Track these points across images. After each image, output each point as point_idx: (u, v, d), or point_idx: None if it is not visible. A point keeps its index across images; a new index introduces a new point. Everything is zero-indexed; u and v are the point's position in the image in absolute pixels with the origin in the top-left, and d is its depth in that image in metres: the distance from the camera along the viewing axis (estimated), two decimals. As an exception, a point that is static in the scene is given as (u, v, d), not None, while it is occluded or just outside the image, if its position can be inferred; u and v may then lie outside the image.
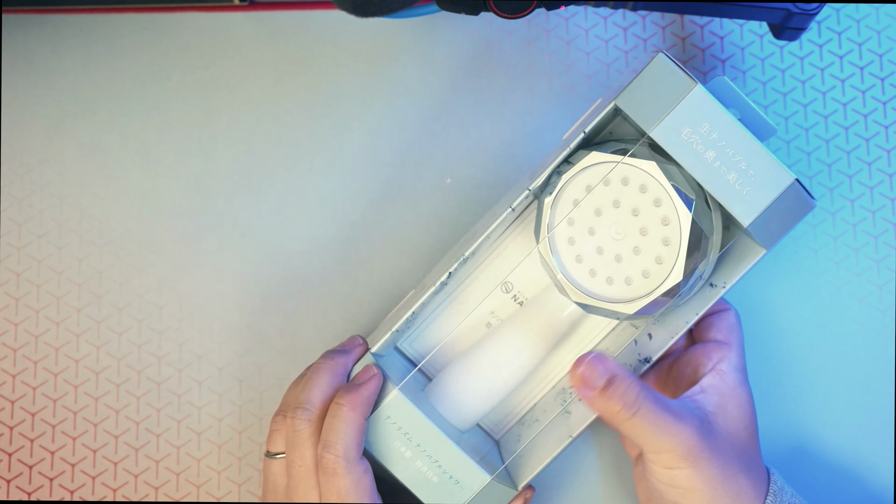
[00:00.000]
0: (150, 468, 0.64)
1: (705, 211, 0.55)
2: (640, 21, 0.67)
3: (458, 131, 0.66)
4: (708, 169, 0.53)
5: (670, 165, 0.55)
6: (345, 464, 0.55)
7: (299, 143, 0.66)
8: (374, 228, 0.65)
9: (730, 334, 0.60)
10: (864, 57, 0.67)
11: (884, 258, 0.65)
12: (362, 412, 0.56)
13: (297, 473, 0.56)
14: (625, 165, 0.55)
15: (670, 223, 0.55)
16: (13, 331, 0.65)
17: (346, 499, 0.55)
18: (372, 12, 0.55)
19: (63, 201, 0.66)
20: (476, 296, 0.61)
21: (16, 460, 0.64)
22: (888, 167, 0.66)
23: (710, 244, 0.55)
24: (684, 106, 0.53)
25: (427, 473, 0.57)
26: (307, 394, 0.57)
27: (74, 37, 0.67)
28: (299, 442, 0.56)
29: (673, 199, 0.54)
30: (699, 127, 0.53)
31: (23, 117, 0.66)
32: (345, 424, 0.55)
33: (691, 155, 0.53)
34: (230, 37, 0.67)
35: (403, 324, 0.58)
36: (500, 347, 0.59)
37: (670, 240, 0.55)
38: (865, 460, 0.64)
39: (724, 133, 0.53)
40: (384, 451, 0.57)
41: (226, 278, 0.65)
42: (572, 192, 0.57)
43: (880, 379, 0.64)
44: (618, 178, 0.56)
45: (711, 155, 0.53)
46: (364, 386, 0.57)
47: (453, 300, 0.62)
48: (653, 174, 0.55)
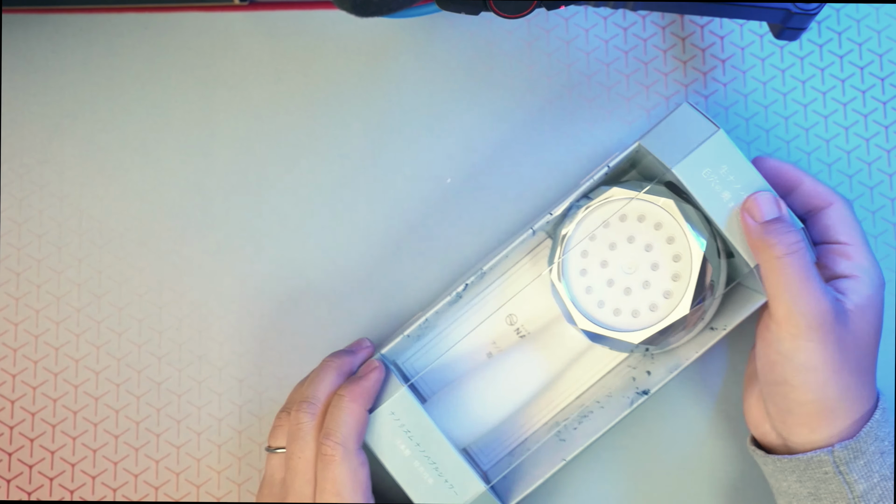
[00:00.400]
0: (150, 468, 0.64)
1: (715, 252, 0.57)
2: (640, 21, 0.67)
3: (458, 131, 0.66)
4: (723, 208, 0.56)
5: (687, 205, 0.58)
6: (343, 451, 0.55)
7: (299, 142, 0.66)
8: (374, 228, 0.65)
9: (852, 232, 0.58)
10: (864, 57, 0.67)
11: (884, 258, 0.65)
12: (363, 404, 0.57)
13: (294, 465, 0.56)
14: (643, 203, 0.58)
15: (682, 259, 0.57)
16: (13, 330, 0.65)
17: (341, 487, 0.55)
18: (372, 12, 0.55)
19: (63, 201, 0.66)
20: (480, 325, 0.62)
21: (16, 460, 0.64)
22: (888, 167, 0.66)
23: (717, 281, 0.57)
24: (706, 147, 0.56)
25: (423, 474, 0.57)
26: (312, 389, 0.58)
27: (74, 37, 0.67)
28: (301, 434, 0.56)
29: (687, 236, 0.57)
30: (718, 168, 0.56)
31: (23, 117, 0.66)
32: (346, 414, 0.56)
33: (708, 192, 0.56)
34: (230, 37, 0.67)
35: (416, 330, 0.59)
36: (504, 368, 0.60)
37: (680, 275, 0.57)
38: (865, 460, 0.64)
39: (740, 176, 0.56)
40: (383, 447, 0.57)
41: (226, 278, 0.65)
42: (589, 226, 0.59)
43: (880, 379, 0.64)
44: (634, 215, 0.59)
45: (727, 195, 0.56)
46: (366, 378, 0.57)
47: (458, 325, 0.63)
48: (669, 211, 0.57)
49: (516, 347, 0.61)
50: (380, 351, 0.60)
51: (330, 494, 0.55)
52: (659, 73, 0.67)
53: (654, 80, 0.66)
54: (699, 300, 0.57)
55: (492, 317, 0.62)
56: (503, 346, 0.62)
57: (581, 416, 0.60)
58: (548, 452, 0.59)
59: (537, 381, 0.61)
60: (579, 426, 0.60)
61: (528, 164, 0.65)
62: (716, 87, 0.66)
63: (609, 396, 0.60)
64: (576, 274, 0.59)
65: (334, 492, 0.55)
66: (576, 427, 0.60)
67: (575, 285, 0.59)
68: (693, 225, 0.57)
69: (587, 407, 0.61)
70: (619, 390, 0.60)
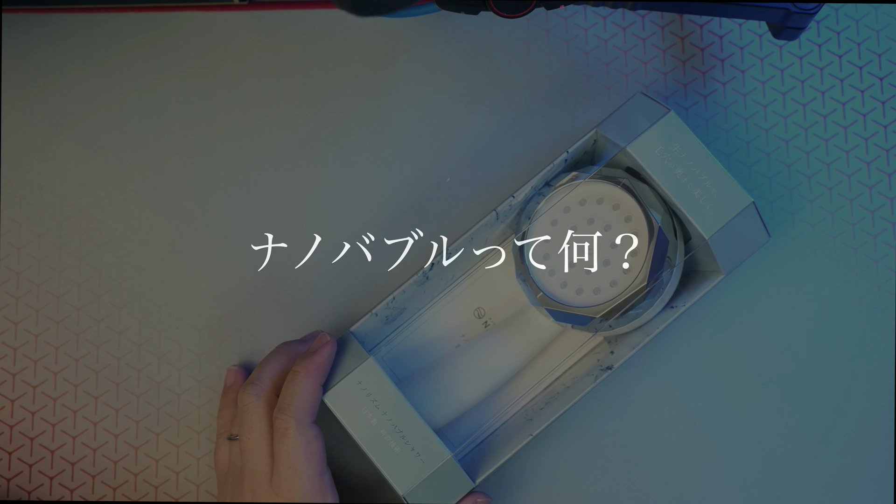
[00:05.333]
0: (150, 467, 0.64)
1: (670, 227, 0.59)
2: (640, 20, 0.67)
3: (458, 130, 0.66)
4: (676, 183, 0.59)
5: (641, 184, 0.59)
6: (295, 425, 0.56)
7: (299, 142, 0.66)
8: (376, 227, 0.65)
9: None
10: (863, 56, 0.67)
11: (883, 257, 0.65)
12: (317, 378, 0.57)
13: (246, 447, 0.57)
14: (601, 186, 0.60)
15: (639, 235, 0.59)
16: (13, 330, 0.65)
17: (295, 460, 0.55)
18: (371, 12, 0.55)
19: (63, 201, 0.66)
20: (449, 317, 0.64)
21: (16, 459, 0.64)
22: (887, 166, 0.66)
23: (674, 256, 0.59)
24: (659, 127, 0.59)
25: (390, 443, 0.57)
26: (258, 372, 0.59)
27: (74, 36, 0.67)
28: (247, 416, 0.57)
29: (644, 212, 0.59)
30: (671, 146, 0.59)
31: (23, 117, 0.66)
32: (299, 388, 0.56)
33: (662, 169, 0.59)
34: (230, 37, 0.67)
35: (384, 310, 0.60)
36: (473, 356, 0.61)
37: (638, 251, 0.59)
38: (865, 460, 0.64)
39: (692, 153, 0.59)
40: (350, 417, 0.58)
41: (226, 278, 0.65)
42: (550, 213, 0.61)
43: (880, 378, 0.64)
44: (594, 199, 0.60)
45: (680, 172, 0.59)
46: (318, 353, 0.58)
47: (427, 320, 0.64)
48: (625, 190, 0.60)
49: (485, 336, 0.62)
50: (347, 329, 0.60)
51: (285, 467, 0.55)
52: (658, 73, 0.67)
53: (654, 80, 0.67)
54: (657, 273, 0.58)
55: (460, 311, 0.64)
56: (471, 338, 0.63)
57: (548, 398, 0.62)
58: (516, 432, 0.60)
59: (507, 369, 0.62)
60: (546, 406, 0.61)
61: (527, 163, 0.65)
62: (715, 87, 0.67)
63: (575, 379, 0.62)
64: (539, 258, 0.61)
65: (289, 464, 0.55)
66: (542, 407, 0.61)
67: (538, 269, 0.61)
68: (648, 202, 0.59)
69: (554, 390, 0.62)
70: (585, 374, 0.61)
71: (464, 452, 0.62)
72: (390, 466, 0.57)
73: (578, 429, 0.64)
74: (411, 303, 0.62)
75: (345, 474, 0.63)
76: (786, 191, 0.66)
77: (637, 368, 0.64)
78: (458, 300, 0.64)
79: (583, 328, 0.60)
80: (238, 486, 0.57)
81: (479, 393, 0.61)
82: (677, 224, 0.60)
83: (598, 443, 0.64)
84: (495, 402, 0.63)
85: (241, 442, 0.57)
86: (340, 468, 0.63)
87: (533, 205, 0.61)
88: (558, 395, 0.61)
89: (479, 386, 0.61)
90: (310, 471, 0.56)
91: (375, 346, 0.63)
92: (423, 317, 0.64)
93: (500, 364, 0.61)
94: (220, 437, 0.61)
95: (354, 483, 0.63)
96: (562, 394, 0.61)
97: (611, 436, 0.64)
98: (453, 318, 0.64)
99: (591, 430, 0.64)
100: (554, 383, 0.63)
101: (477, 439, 0.62)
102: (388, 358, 0.63)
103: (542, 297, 0.60)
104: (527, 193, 0.61)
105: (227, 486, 0.58)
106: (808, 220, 0.66)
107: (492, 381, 0.61)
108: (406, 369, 0.63)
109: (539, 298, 0.60)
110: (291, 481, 0.55)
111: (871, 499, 0.64)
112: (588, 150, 0.62)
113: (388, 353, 0.63)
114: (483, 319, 0.64)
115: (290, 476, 0.55)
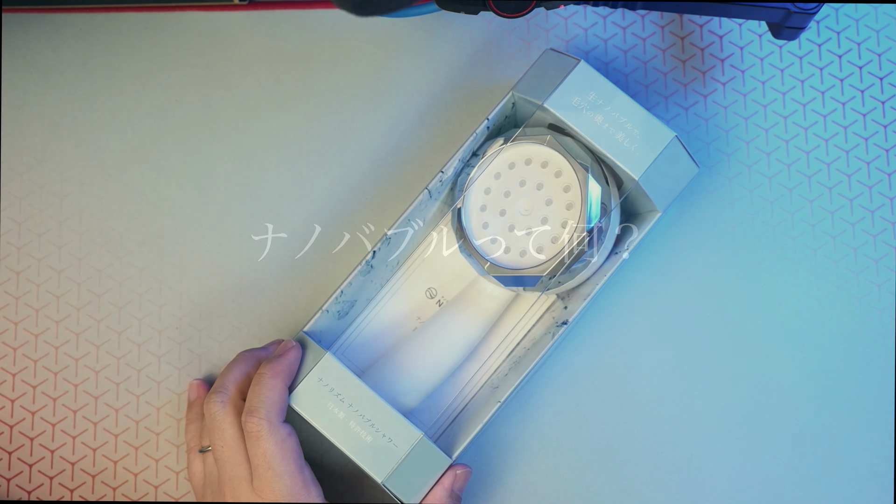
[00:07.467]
0: (150, 466, 0.64)
1: (600, 174, 0.59)
2: (640, 20, 0.67)
3: (458, 130, 0.66)
4: (598, 131, 0.59)
5: (565, 137, 0.60)
6: (267, 426, 0.56)
7: (299, 142, 0.66)
8: (374, 228, 0.65)
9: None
10: (862, 56, 0.67)
11: (883, 257, 0.65)
12: (283, 379, 0.57)
13: (220, 455, 0.57)
14: (528, 147, 0.61)
15: (571, 189, 0.60)
16: (13, 329, 0.65)
17: (272, 460, 0.55)
18: (371, 12, 0.55)
19: (63, 201, 0.66)
20: (402, 302, 0.64)
21: (16, 459, 0.64)
22: (887, 166, 0.66)
23: (609, 203, 0.59)
24: (572, 78, 0.59)
25: (360, 434, 0.58)
26: (221, 380, 0.59)
27: (74, 37, 0.67)
28: (216, 424, 0.57)
29: (571, 164, 0.59)
30: (587, 95, 0.59)
31: (23, 117, 0.66)
32: (267, 390, 0.57)
33: (582, 119, 0.59)
34: (230, 37, 0.67)
35: (334, 305, 0.60)
36: (431, 336, 0.62)
37: (573, 203, 0.59)
38: (865, 459, 0.64)
39: (608, 99, 0.59)
40: (317, 414, 0.58)
41: (225, 277, 0.65)
42: (482, 182, 0.61)
43: (880, 378, 0.64)
44: (522, 160, 0.61)
45: (600, 119, 0.59)
46: (284, 356, 0.58)
47: (381, 308, 0.64)
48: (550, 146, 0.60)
49: (440, 314, 0.63)
50: (301, 330, 0.60)
51: (264, 469, 0.56)
52: (658, 73, 0.67)
53: (653, 80, 0.67)
54: (595, 222, 0.59)
55: (412, 295, 0.64)
56: (427, 319, 0.64)
57: (512, 364, 0.62)
58: (485, 402, 0.61)
59: (467, 342, 0.62)
60: (510, 371, 0.61)
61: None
62: (715, 87, 0.67)
63: (535, 341, 0.62)
64: (478, 228, 0.61)
65: (267, 466, 0.56)
66: (506, 374, 0.61)
67: (480, 238, 0.61)
68: (574, 154, 0.59)
69: (517, 354, 0.62)
70: (544, 333, 0.62)
71: (439, 431, 0.62)
72: (364, 456, 0.57)
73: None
74: (361, 294, 0.62)
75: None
76: (786, 191, 0.66)
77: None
78: (408, 284, 0.64)
79: (533, 289, 0.60)
80: (219, 495, 0.57)
81: (443, 371, 0.62)
82: (607, 171, 0.60)
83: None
84: (461, 376, 0.63)
85: (214, 451, 0.57)
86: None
87: (464, 177, 0.62)
88: (521, 359, 0.62)
89: (443, 364, 0.62)
90: (289, 469, 0.56)
91: (333, 342, 0.63)
92: (375, 306, 0.64)
93: (459, 339, 0.62)
94: (192, 452, 0.61)
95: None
96: (524, 357, 0.61)
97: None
98: (406, 302, 0.64)
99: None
100: (516, 349, 0.63)
101: (450, 416, 0.63)
102: (348, 351, 0.63)
103: (488, 266, 0.60)
104: (455, 167, 0.62)
105: (207, 497, 0.59)
106: (808, 219, 0.66)
107: (454, 357, 0.62)
108: (368, 359, 0.63)
109: (486, 268, 0.60)
110: (273, 482, 0.55)
111: (871, 498, 0.64)
112: (509, 115, 0.63)
113: (348, 346, 0.63)
114: (436, 299, 0.64)
115: (270, 477, 0.56)
